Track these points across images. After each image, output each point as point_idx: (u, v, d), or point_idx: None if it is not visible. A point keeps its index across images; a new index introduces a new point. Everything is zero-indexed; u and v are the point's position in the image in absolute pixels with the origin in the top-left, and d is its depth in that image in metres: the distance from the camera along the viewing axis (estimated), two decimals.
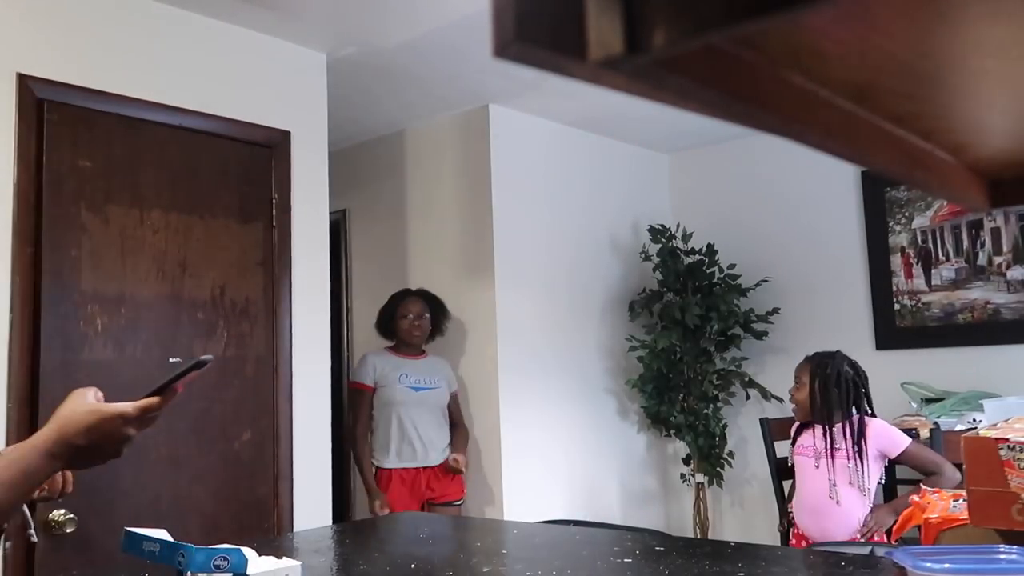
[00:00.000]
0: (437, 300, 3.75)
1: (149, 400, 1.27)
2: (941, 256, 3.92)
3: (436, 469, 3.52)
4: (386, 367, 3.57)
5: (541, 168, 4.11)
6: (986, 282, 3.79)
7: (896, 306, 4.04)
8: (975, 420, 3.29)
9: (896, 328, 4.03)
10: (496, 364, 3.76)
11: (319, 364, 3.07)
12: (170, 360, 2.62)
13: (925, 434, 3.21)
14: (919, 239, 3.99)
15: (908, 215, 4.03)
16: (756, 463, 4.27)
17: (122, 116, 2.61)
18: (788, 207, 4.42)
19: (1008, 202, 0.47)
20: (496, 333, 3.78)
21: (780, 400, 4.05)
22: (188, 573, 1.26)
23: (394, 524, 2.40)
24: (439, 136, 4.06)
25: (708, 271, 4.29)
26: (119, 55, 2.63)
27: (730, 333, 4.26)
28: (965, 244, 3.86)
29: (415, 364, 3.61)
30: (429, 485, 3.50)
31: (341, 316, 4.32)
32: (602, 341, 4.32)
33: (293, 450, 2.92)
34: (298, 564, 1.41)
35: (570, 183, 4.26)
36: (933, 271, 3.94)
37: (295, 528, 2.83)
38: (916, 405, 3.65)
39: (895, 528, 1.85)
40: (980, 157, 0.44)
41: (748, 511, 4.47)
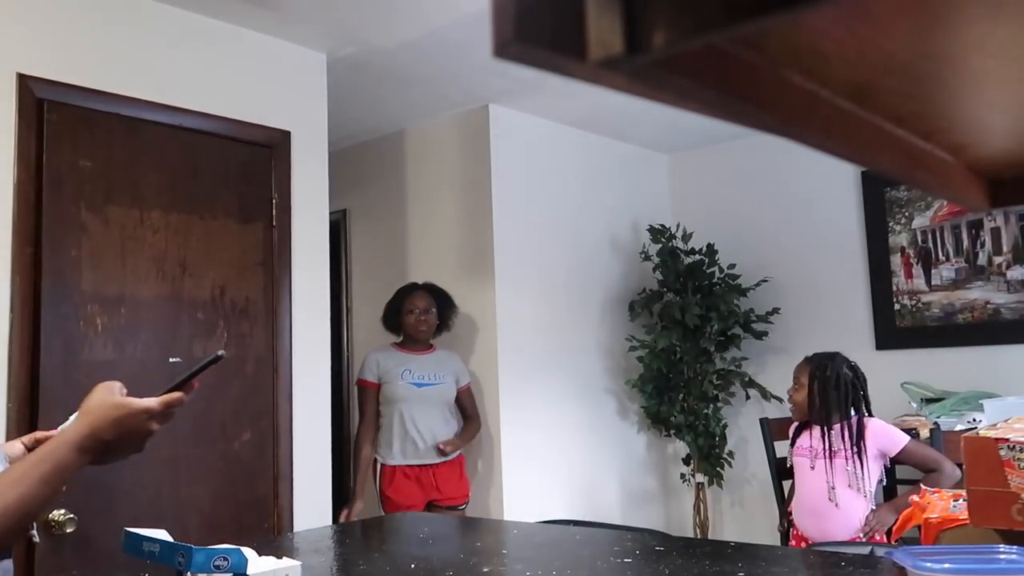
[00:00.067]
0: (444, 294, 3.69)
1: (172, 395, 1.29)
2: (941, 256, 3.92)
3: (442, 467, 3.49)
4: (390, 363, 3.54)
5: (541, 168, 4.11)
6: (986, 282, 3.79)
7: (896, 306, 4.04)
8: (975, 420, 3.29)
9: (896, 328, 4.03)
10: (496, 364, 3.76)
11: (319, 364, 3.07)
12: (170, 360, 2.62)
13: (925, 434, 3.21)
14: (919, 239, 3.99)
15: (908, 215, 4.03)
16: (756, 463, 4.27)
17: (122, 116, 2.61)
18: (788, 207, 4.42)
19: (1008, 202, 0.47)
20: (496, 333, 3.78)
21: (780, 400, 4.05)
22: (188, 573, 1.26)
23: (394, 524, 2.40)
24: (439, 136, 4.06)
25: (708, 271, 4.29)
26: (119, 55, 2.63)
27: (730, 333, 4.26)
28: (965, 244, 3.86)
29: (420, 360, 3.57)
30: (436, 484, 3.47)
31: (341, 316, 4.32)
32: (602, 341, 4.32)
33: (293, 450, 2.92)
34: (298, 564, 1.41)
35: (570, 183, 4.26)
36: (933, 271, 3.94)
37: (295, 528, 2.83)
38: (916, 405, 3.64)
39: (895, 528, 1.85)
40: (980, 157, 0.44)
41: (748, 511, 4.47)
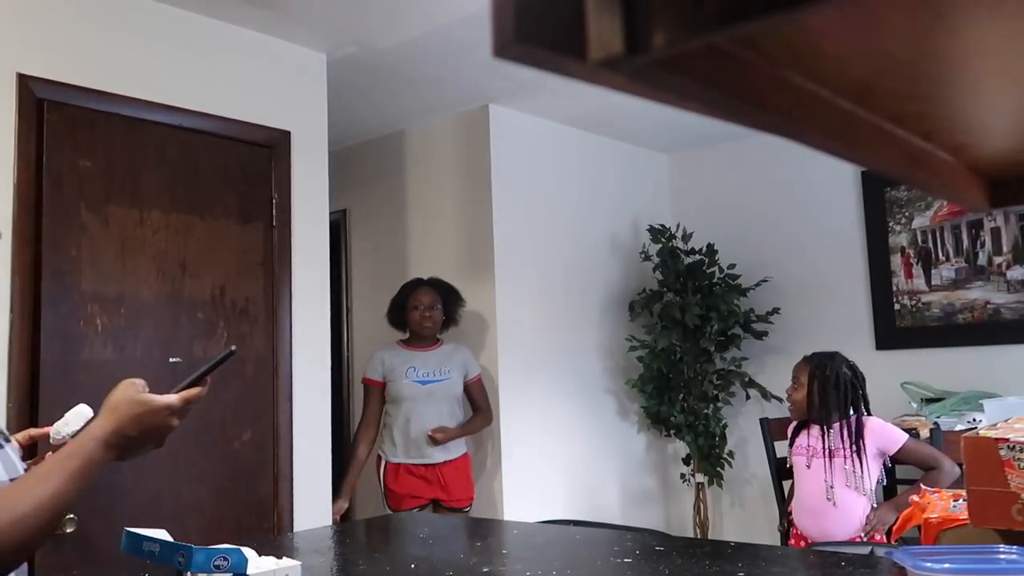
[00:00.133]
0: (450, 288, 3.64)
1: (192, 391, 1.31)
2: (941, 256, 3.92)
3: (448, 468, 3.44)
4: (395, 361, 3.50)
5: (541, 168, 4.11)
6: (986, 282, 3.79)
7: (896, 306, 4.04)
8: (975, 420, 3.29)
9: (896, 328, 4.03)
10: (496, 364, 3.76)
11: (319, 364, 3.07)
12: (170, 360, 2.62)
13: (925, 434, 3.21)
14: (919, 239, 3.99)
15: (908, 215, 4.03)
16: (756, 463, 4.27)
17: (122, 116, 2.61)
18: (788, 207, 4.42)
19: (1008, 202, 0.47)
20: (496, 333, 3.78)
21: (780, 400, 4.04)
22: (188, 573, 1.26)
23: (394, 524, 2.40)
24: (439, 136, 4.06)
25: (708, 271, 4.29)
26: (119, 55, 2.63)
27: (730, 333, 4.26)
28: (965, 244, 3.86)
29: (425, 356, 3.52)
30: (443, 484, 3.43)
31: (341, 316, 4.32)
32: (602, 341, 4.32)
33: (293, 450, 2.92)
34: (298, 564, 1.41)
35: (570, 183, 4.26)
36: (933, 271, 3.94)
37: (295, 528, 2.83)
38: (916, 405, 3.64)
39: (895, 528, 1.85)
40: (980, 157, 0.44)
41: (748, 511, 4.47)
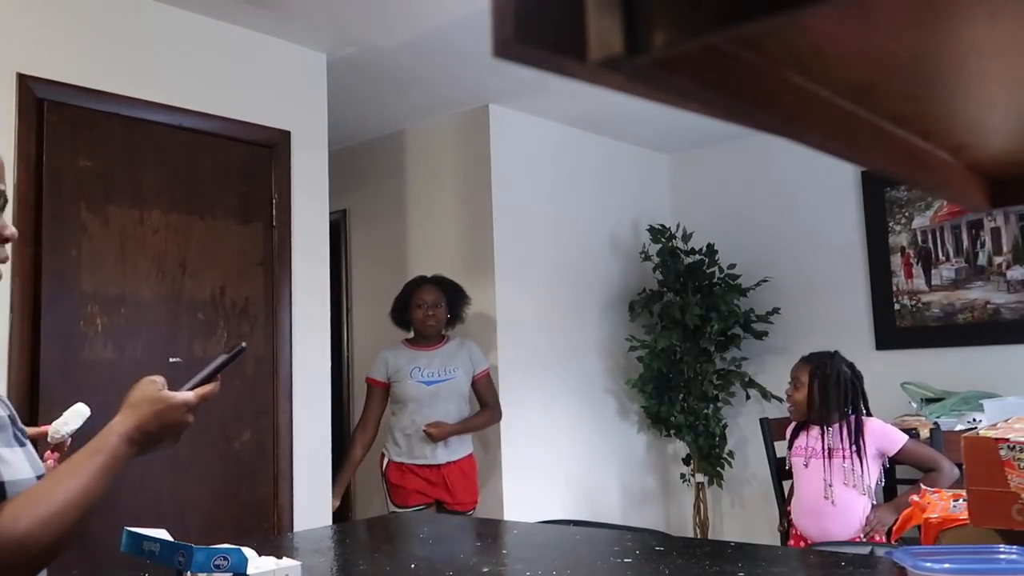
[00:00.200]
0: (454, 286, 3.56)
1: (207, 388, 1.34)
2: (941, 256, 3.92)
3: (453, 469, 3.39)
4: (399, 361, 3.44)
5: (541, 168, 4.11)
6: (986, 282, 3.79)
7: (896, 306, 4.04)
8: (975, 420, 3.29)
9: (896, 328, 4.03)
10: (496, 364, 3.75)
11: (319, 364, 3.07)
12: (170, 360, 2.62)
13: (925, 434, 3.21)
14: (919, 239, 3.99)
15: (908, 215, 4.03)
16: (756, 463, 4.27)
17: (122, 116, 2.61)
18: (788, 207, 4.42)
19: (1008, 202, 0.47)
20: (496, 333, 3.78)
21: (780, 400, 4.04)
22: (188, 573, 1.26)
23: (394, 524, 2.40)
24: (439, 136, 4.06)
25: (708, 271, 4.29)
26: (119, 55, 2.63)
27: (730, 333, 4.26)
28: (965, 244, 3.86)
29: (430, 356, 3.45)
30: (447, 486, 3.37)
31: (341, 316, 4.32)
32: (602, 341, 4.32)
33: (293, 450, 2.92)
34: (298, 564, 1.41)
35: (570, 183, 4.26)
36: (933, 271, 3.94)
37: (295, 528, 2.83)
38: (916, 405, 3.64)
39: (895, 528, 1.85)
40: (980, 157, 0.44)
41: (748, 511, 4.47)
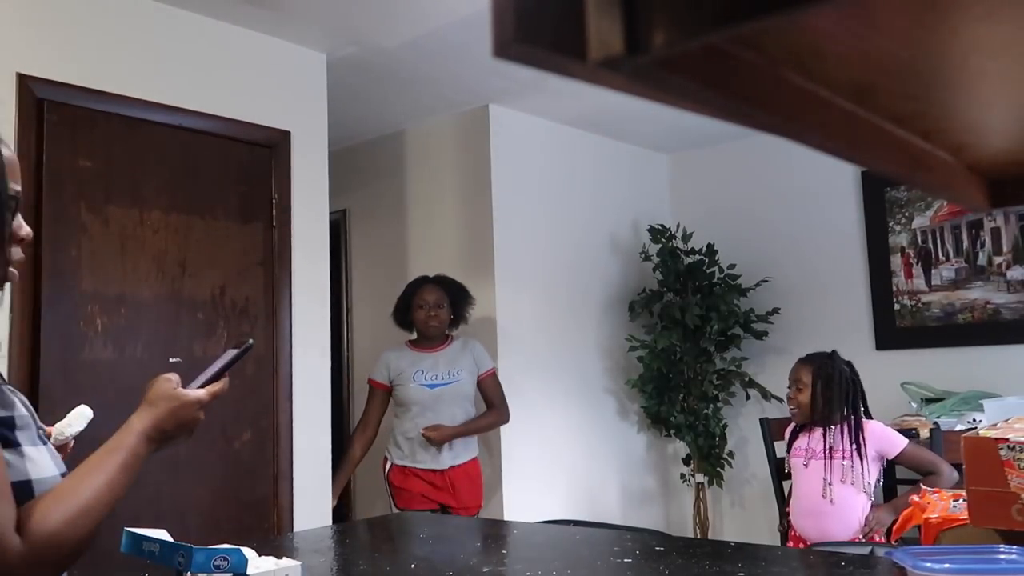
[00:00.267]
0: (458, 286, 3.49)
1: (217, 385, 1.38)
2: (941, 256, 3.92)
3: (457, 472, 3.34)
4: (402, 363, 3.37)
5: (541, 168, 4.11)
6: (986, 282, 3.79)
7: (896, 306, 4.04)
8: (975, 420, 3.28)
9: (896, 328, 4.03)
10: (496, 364, 3.75)
11: (319, 364, 3.07)
12: (170, 360, 2.62)
13: (925, 434, 3.21)
14: (919, 239, 3.99)
15: (908, 215, 4.03)
16: (756, 463, 4.27)
17: (122, 116, 2.61)
18: (788, 207, 4.42)
19: (1008, 202, 0.47)
20: (496, 333, 3.78)
21: (780, 400, 4.04)
22: (188, 573, 1.26)
23: (395, 524, 2.40)
24: (439, 136, 4.06)
25: (708, 271, 4.29)
26: (119, 55, 2.63)
27: (730, 333, 4.26)
28: (965, 244, 3.86)
29: (433, 358, 3.38)
30: (452, 490, 3.32)
31: (341, 316, 4.32)
32: (602, 341, 4.32)
33: (293, 450, 2.92)
34: (298, 564, 1.41)
35: (570, 183, 4.26)
36: (933, 271, 3.94)
37: (295, 528, 2.83)
38: (916, 405, 3.64)
39: (895, 528, 1.85)
40: (980, 157, 0.44)
41: (748, 511, 4.47)
